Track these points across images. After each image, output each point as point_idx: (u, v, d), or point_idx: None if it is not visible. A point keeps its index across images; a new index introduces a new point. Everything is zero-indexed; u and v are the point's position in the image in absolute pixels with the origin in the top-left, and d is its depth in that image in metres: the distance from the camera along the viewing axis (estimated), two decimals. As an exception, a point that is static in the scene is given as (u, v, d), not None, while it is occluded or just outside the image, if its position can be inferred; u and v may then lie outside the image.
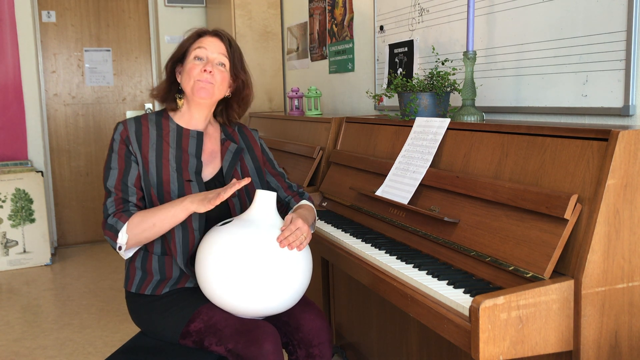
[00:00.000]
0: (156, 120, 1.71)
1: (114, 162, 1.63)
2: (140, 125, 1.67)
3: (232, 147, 1.76)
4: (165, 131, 1.69)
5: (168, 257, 1.65)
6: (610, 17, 1.64)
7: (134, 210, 1.59)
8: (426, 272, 1.50)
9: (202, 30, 1.72)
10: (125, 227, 1.55)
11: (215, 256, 1.48)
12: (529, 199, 1.36)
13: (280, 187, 1.84)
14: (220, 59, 1.68)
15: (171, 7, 5.01)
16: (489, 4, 2.12)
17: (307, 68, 3.99)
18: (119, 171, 1.62)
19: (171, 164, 1.65)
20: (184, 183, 1.64)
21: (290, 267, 1.49)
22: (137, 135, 1.65)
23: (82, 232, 5.07)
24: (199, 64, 1.66)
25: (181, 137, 1.69)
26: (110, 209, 1.59)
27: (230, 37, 1.74)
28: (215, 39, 1.70)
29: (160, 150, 1.65)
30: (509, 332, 1.19)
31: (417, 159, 1.87)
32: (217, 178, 1.73)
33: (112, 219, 1.56)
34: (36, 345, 2.94)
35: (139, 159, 1.63)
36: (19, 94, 4.54)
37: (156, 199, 1.63)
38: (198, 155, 1.69)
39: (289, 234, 1.51)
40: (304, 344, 1.61)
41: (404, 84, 2.06)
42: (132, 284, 1.66)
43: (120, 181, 1.61)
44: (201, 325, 1.52)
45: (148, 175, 1.63)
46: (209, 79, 1.65)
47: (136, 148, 1.64)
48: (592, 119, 1.75)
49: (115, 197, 1.60)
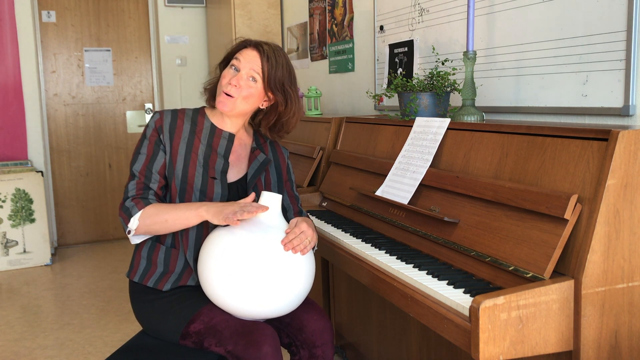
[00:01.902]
0: (192, 116, 1.73)
1: (144, 148, 1.66)
2: (176, 117, 1.70)
3: (260, 157, 1.77)
4: (199, 127, 1.71)
5: (175, 250, 1.66)
6: (610, 17, 1.64)
7: (152, 199, 1.62)
8: (426, 272, 1.50)
9: (248, 41, 1.70)
10: (139, 214, 1.57)
11: (219, 256, 1.47)
12: (529, 199, 1.36)
13: (292, 209, 1.84)
14: (251, 74, 1.65)
15: (171, 7, 5.01)
16: (489, 4, 2.12)
17: (307, 68, 3.99)
18: (146, 157, 1.65)
19: (199, 159, 1.67)
20: (208, 180, 1.66)
21: (294, 270, 1.49)
22: (170, 127, 1.68)
23: (82, 232, 5.07)
24: (230, 74, 1.66)
25: (213, 135, 1.71)
26: (131, 191, 1.62)
27: (275, 52, 1.68)
28: (254, 51, 1.66)
29: (190, 144, 1.68)
30: (509, 332, 1.19)
31: (417, 159, 1.87)
32: (240, 183, 1.74)
33: (129, 202, 1.60)
34: (36, 345, 2.95)
35: (167, 149, 1.66)
36: (19, 94, 4.54)
37: (176, 190, 1.64)
38: (226, 156, 1.70)
39: (294, 237, 1.51)
40: (307, 344, 1.62)
41: (404, 84, 2.06)
42: (136, 273, 1.68)
43: (145, 167, 1.64)
44: (201, 326, 1.52)
45: (174, 166, 1.65)
46: (231, 92, 1.64)
47: (167, 138, 1.66)
48: (592, 119, 1.75)
49: (137, 181, 1.63)
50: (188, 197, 1.65)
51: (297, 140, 2.96)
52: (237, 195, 1.73)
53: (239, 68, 1.65)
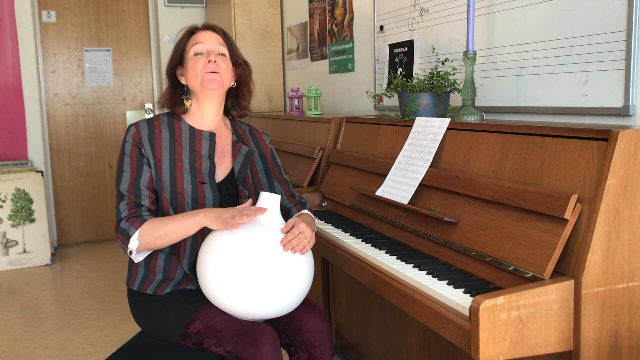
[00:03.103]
0: (168, 121, 1.71)
1: (126, 165, 1.63)
2: (152, 127, 1.68)
3: (243, 149, 1.77)
4: (177, 132, 1.69)
5: (175, 258, 1.65)
6: (610, 17, 1.64)
7: (146, 216, 1.59)
8: (426, 272, 1.50)
9: (193, 27, 1.73)
10: (137, 234, 1.56)
11: (218, 257, 1.47)
12: (529, 199, 1.36)
13: (284, 193, 1.84)
14: (219, 50, 1.70)
15: (171, 7, 5.01)
16: (489, 4, 2.12)
17: (307, 68, 3.99)
18: (131, 174, 1.62)
19: (185, 165, 1.65)
20: (198, 185, 1.64)
21: (293, 270, 1.49)
22: (149, 138, 1.65)
23: (82, 232, 5.07)
24: (201, 58, 1.67)
25: (194, 138, 1.70)
26: (123, 212, 1.59)
27: (221, 28, 1.75)
28: (209, 32, 1.71)
29: (173, 152, 1.66)
30: (509, 332, 1.19)
31: (417, 159, 1.87)
32: (229, 179, 1.73)
33: (124, 223, 1.57)
34: (36, 345, 2.94)
35: (151, 162, 1.63)
36: (19, 94, 4.54)
37: (167, 202, 1.63)
38: (211, 157, 1.69)
39: (292, 237, 1.51)
40: (306, 345, 1.61)
41: (404, 84, 2.06)
42: (135, 281, 1.67)
43: (132, 184, 1.61)
44: (201, 326, 1.52)
45: (161, 177, 1.63)
46: (215, 69, 1.66)
47: (149, 150, 1.64)
48: (592, 119, 1.75)
49: (127, 200, 1.60)
50: (180, 206, 1.63)
51: (297, 140, 2.95)
52: (227, 194, 1.71)
53: (206, 50, 1.67)
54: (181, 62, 1.72)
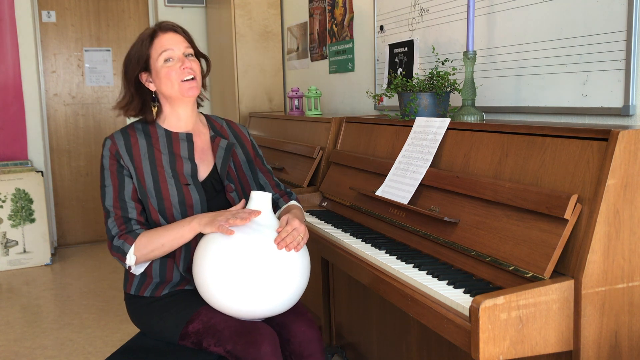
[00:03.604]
0: (143, 128, 1.70)
1: (107, 180, 1.62)
2: (128, 136, 1.66)
3: (222, 143, 1.75)
4: (154, 138, 1.68)
5: (170, 260, 1.64)
6: (610, 17, 1.64)
7: (138, 230, 1.59)
8: (426, 272, 1.50)
9: (153, 30, 1.68)
10: (132, 249, 1.56)
11: (212, 259, 1.47)
12: (529, 199, 1.36)
13: (269, 184, 1.83)
14: (186, 51, 1.68)
15: (171, 7, 5.01)
16: (489, 4, 2.12)
17: (307, 68, 3.99)
18: (113, 188, 1.61)
19: (166, 170, 1.64)
20: (182, 187, 1.64)
21: (288, 268, 1.49)
22: (127, 148, 1.64)
23: (82, 232, 5.07)
24: (173, 65, 1.64)
25: (171, 141, 1.69)
26: (113, 229, 1.59)
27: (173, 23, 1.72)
28: (171, 34, 1.68)
29: (153, 158, 1.65)
30: (509, 332, 1.19)
31: (417, 159, 1.87)
32: (213, 176, 1.72)
33: (117, 241, 1.57)
34: (36, 345, 2.94)
35: (132, 172, 1.62)
36: (19, 94, 4.54)
37: (154, 209, 1.62)
38: (191, 158, 1.68)
39: (286, 235, 1.50)
40: (296, 355, 1.59)
41: (404, 84, 2.06)
42: (132, 285, 1.66)
43: (117, 198, 1.60)
44: (200, 326, 1.52)
45: (145, 186, 1.62)
46: (191, 73, 1.66)
47: (128, 161, 1.62)
48: (592, 119, 1.75)
49: (115, 216, 1.60)
50: (169, 213, 1.62)
51: (297, 140, 2.95)
52: (213, 191, 1.70)
53: (174, 55, 1.65)
54: (146, 69, 1.68)
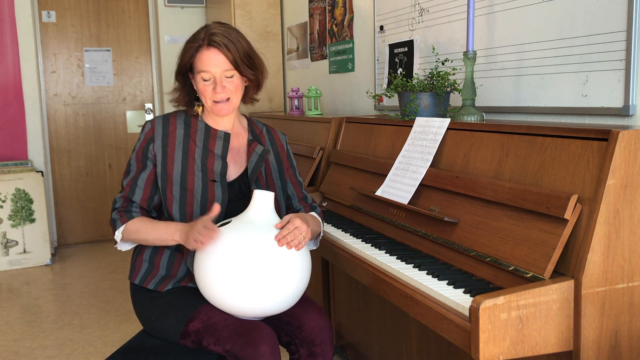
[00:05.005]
0: (185, 118, 1.73)
1: (133, 160, 1.69)
2: (168, 123, 1.71)
3: (258, 148, 1.76)
4: (193, 129, 1.71)
5: (179, 255, 1.66)
6: (610, 17, 1.64)
7: (135, 213, 1.65)
8: (426, 272, 1.50)
9: (198, 43, 1.62)
10: (122, 228, 1.64)
11: (213, 257, 1.47)
12: (529, 199, 1.36)
13: (296, 196, 1.84)
14: (225, 74, 1.63)
15: (171, 7, 5.01)
16: (489, 4, 2.12)
17: (307, 68, 3.99)
18: (135, 170, 1.68)
19: (196, 162, 1.67)
20: (208, 183, 1.65)
21: (289, 266, 1.49)
22: (163, 134, 1.68)
23: (82, 232, 5.07)
24: (208, 85, 1.63)
25: (208, 137, 1.71)
26: (117, 204, 1.67)
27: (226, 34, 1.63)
28: (213, 51, 1.61)
29: (187, 148, 1.68)
30: (509, 332, 1.19)
31: (417, 159, 1.87)
32: (242, 178, 1.73)
33: (115, 214, 1.66)
34: (36, 345, 2.94)
35: (159, 158, 1.66)
36: (19, 94, 4.54)
37: (173, 198, 1.64)
38: (224, 157, 1.69)
39: (287, 232, 1.51)
40: (306, 342, 1.61)
41: (404, 84, 2.06)
42: (137, 275, 1.68)
43: (132, 180, 1.67)
44: (200, 325, 1.52)
45: (170, 173, 1.65)
46: (223, 97, 1.64)
47: (159, 147, 1.67)
48: (592, 119, 1.75)
49: (123, 194, 1.68)
50: (189, 202, 1.64)
51: (297, 140, 2.95)
52: (240, 193, 1.72)
53: (211, 76, 1.62)
54: (191, 70, 1.67)
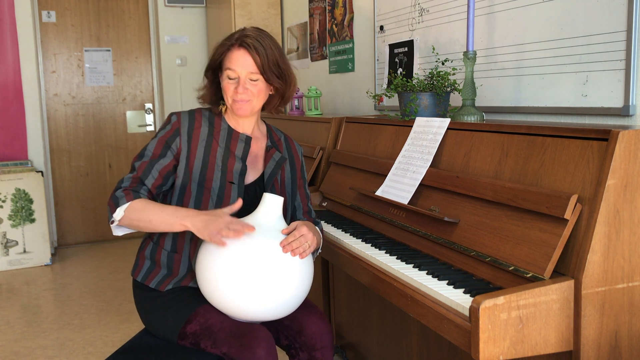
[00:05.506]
0: (209, 117, 1.73)
1: (152, 146, 1.65)
2: (193, 119, 1.69)
3: (276, 155, 1.77)
4: (216, 129, 1.71)
5: (177, 255, 1.66)
6: (610, 17, 1.64)
7: (143, 194, 1.59)
8: (426, 272, 1.50)
9: (231, 42, 1.64)
10: (126, 206, 1.54)
11: (217, 258, 1.47)
12: (529, 199, 1.36)
13: (302, 208, 1.85)
14: (249, 76, 1.63)
15: (171, 7, 5.01)
16: (489, 4, 2.12)
17: (307, 68, 3.99)
18: (152, 155, 1.63)
19: (217, 162, 1.66)
20: (226, 184, 1.65)
21: (292, 273, 1.48)
22: (189, 129, 1.67)
23: (82, 232, 5.07)
24: (232, 84, 1.64)
25: (230, 138, 1.71)
26: (124, 183, 1.60)
27: (259, 39, 1.63)
28: (242, 52, 1.61)
29: (209, 147, 1.67)
30: (509, 332, 1.19)
31: (417, 159, 1.87)
32: (258, 183, 1.74)
33: (120, 192, 1.57)
34: (36, 345, 2.94)
35: (183, 153, 1.65)
36: (19, 94, 4.54)
37: (191, 193, 1.64)
38: (244, 159, 1.69)
39: (293, 239, 1.50)
40: (307, 347, 1.61)
41: (404, 84, 2.06)
42: (140, 272, 1.68)
43: (147, 164, 1.62)
44: (197, 327, 1.52)
45: (192, 169, 1.64)
46: (244, 98, 1.64)
47: (185, 142, 1.65)
48: (592, 119, 1.75)
49: (134, 175, 1.61)
50: (205, 200, 1.64)
51: (297, 140, 2.95)
52: (255, 197, 1.72)
53: (236, 75, 1.62)
54: (220, 68, 1.68)
